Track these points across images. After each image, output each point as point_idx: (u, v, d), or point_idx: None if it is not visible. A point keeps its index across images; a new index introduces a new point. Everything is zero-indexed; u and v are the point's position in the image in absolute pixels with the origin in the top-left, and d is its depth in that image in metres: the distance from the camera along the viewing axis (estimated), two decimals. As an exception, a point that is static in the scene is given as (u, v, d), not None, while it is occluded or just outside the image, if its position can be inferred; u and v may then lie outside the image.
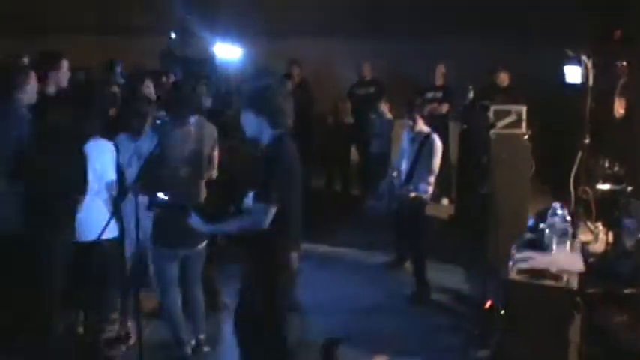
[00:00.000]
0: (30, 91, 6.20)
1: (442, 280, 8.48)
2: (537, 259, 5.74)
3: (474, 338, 6.74)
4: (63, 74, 6.95)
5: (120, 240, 6.27)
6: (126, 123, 6.40)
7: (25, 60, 8.50)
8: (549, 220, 6.14)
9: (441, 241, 9.35)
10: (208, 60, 11.59)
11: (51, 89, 6.80)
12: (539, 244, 6.05)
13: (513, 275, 5.56)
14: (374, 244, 9.69)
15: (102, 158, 6.09)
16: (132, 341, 6.51)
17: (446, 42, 12.86)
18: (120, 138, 6.33)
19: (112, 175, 6.10)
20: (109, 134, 6.29)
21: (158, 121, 6.07)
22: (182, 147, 6.04)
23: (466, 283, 8.55)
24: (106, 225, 5.60)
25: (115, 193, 6.07)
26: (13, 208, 5.83)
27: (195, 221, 5.01)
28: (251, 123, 4.90)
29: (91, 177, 6.01)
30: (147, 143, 6.13)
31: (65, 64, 6.96)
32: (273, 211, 4.72)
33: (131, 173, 6.06)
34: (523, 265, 5.65)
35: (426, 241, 8.30)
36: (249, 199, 4.82)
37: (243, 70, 11.18)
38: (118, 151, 6.23)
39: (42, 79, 6.57)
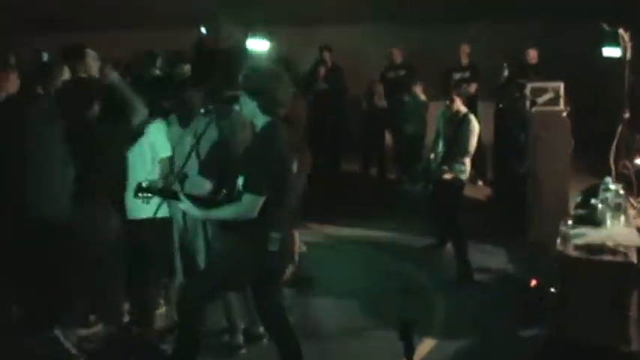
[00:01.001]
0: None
1: (484, 261, 8.42)
2: (593, 235, 5.68)
3: (521, 317, 6.70)
4: (91, 62, 6.98)
5: (170, 220, 6.26)
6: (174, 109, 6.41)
7: (45, 55, 8.55)
8: (602, 194, 6.08)
9: (480, 222, 9.30)
10: (240, 51, 11.59)
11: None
12: (592, 220, 5.99)
13: (570, 252, 5.50)
14: (413, 228, 9.67)
15: (155, 137, 6.12)
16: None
17: (477, 23, 12.80)
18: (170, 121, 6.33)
19: (165, 152, 6.10)
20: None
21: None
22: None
23: (509, 263, 8.50)
24: (160, 203, 5.61)
25: (167, 171, 6.05)
26: (64, 194, 5.91)
27: (187, 206, 5.05)
28: (246, 105, 4.99)
29: (143, 155, 6.05)
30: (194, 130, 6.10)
31: (91, 52, 7.00)
32: (261, 201, 4.78)
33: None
34: (579, 242, 5.58)
35: (464, 222, 8.26)
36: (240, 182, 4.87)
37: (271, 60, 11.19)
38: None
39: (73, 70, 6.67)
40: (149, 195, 5.18)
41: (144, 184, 5.14)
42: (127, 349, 6.13)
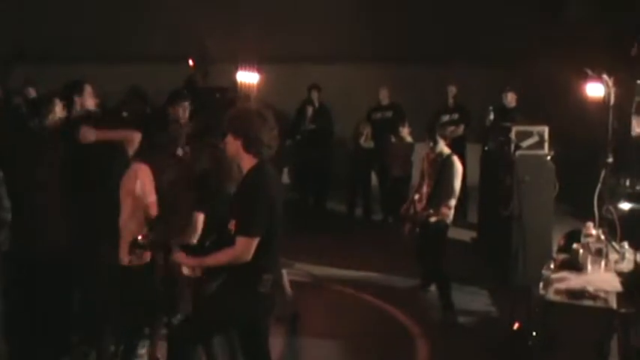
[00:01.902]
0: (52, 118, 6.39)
1: (468, 303, 8.42)
2: (574, 280, 5.71)
3: (505, 361, 6.69)
4: (87, 97, 7.00)
5: (151, 264, 6.24)
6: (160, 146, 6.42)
7: (31, 91, 8.55)
8: (583, 239, 6.12)
9: (465, 263, 9.30)
10: (229, 88, 11.66)
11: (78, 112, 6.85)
12: (573, 264, 6.01)
13: (551, 296, 5.51)
14: (398, 269, 9.65)
15: (141, 180, 6.12)
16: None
17: (461, 65, 12.92)
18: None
19: (151, 197, 6.10)
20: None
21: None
22: None
23: (492, 305, 8.50)
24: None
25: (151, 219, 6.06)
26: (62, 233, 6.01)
27: (179, 256, 5.04)
28: (230, 145, 4.97)
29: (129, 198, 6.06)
30: None
31: (88, 87, 7.03)
32: (255, 243, 4.76)
33: None
34: (560, 286, 5.60)
35: (448, 264, 8.26)
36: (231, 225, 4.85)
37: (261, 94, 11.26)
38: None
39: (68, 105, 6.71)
40: (143, 249, 5.23)
41: (139, 241, 5.17)
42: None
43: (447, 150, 8.25)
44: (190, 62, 12.88)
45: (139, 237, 5.24)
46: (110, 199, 5.99)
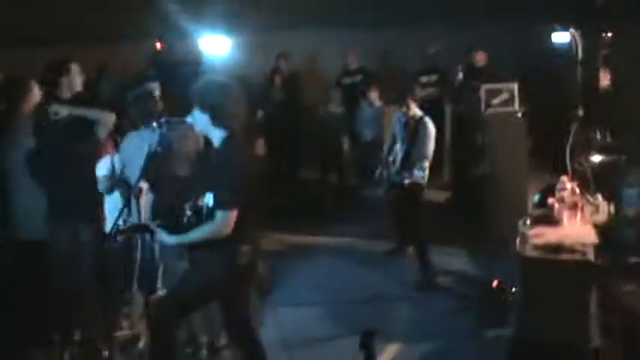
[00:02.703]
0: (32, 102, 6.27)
1: (446, 264, 8.46)
2: (550, 234, 5.72)
3: (485, 318, 6.72)
4: (76, 78, 6.80)
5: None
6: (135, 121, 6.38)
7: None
8: (558, 193, 6.14)
9: (441, 224, 9.33)
10: (193, 62, 11.53)
11: (66, 94, 6.68)
12: (549, 219, 6.03)
13: (529, 252, 5.53)
14: (374, 233, 9.66)
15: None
16: (142, 343, 6.46)
17: (436, 25, 12.85)
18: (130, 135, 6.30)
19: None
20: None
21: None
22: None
23: (470, 264, 8.54)
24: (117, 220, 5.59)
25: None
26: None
27: (159, 236, 5.03)
28: (198, 119, 4.93)
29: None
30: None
31: (75, 67, 6.83)
32: (234, 215, 4.73)
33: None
34: (538, 241, 5.61)
35: (425, 225, 8.28)
36: (208, 199, 4.82)
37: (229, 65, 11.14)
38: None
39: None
40: (125, 233, 5.22)
41: (120, 227, 5.16)
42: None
43: (419, 112, 8.22)
44: (158, 45, 12.70)
45: (120, 221, 5.23)
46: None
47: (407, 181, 8.01)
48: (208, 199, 4.83)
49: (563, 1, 9.89)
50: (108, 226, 6.09)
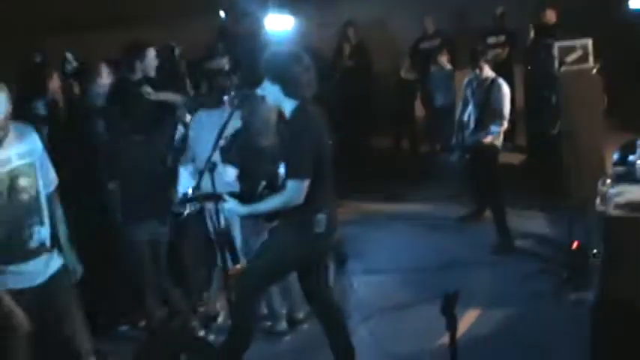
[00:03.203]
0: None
1: (523, 226, 8.35)
2: (634, 192, 5.54)
3: (566, 281, 6.61)
4: (150, 63, 6.85)
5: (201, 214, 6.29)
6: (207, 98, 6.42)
7: (38, 59, 8.40)
8: (639, 151, 5.95)
9: (517, 187, 9.20)
10: (260, 35, 11.52)
11: (138, 76, 6.75)
12: (631, 177, 5.85)
13: (611, 211, 5.37)
14: (450, 198, 9.58)
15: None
16: (221, 318, 6.53)
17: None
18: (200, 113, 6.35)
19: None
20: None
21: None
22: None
23: (548, 226, 8.41)
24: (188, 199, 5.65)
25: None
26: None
27: (231, 205, 5.02)
28: (269, 91, 4.91)
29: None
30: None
31: (151, 52, 6.88)
32: (306, 185, 4.71)
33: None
34: (620, 200, 5.45)
35: (502, 188, 8.16)
36: (282, 169, 4.83)
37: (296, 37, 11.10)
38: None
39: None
40: (196, 201, 5.24)
41: (189, 194, 5.18)
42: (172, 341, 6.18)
43: (491, 74, 8.10)
44: (222, 13, 12.71)
45: (189, 189, 5.25)
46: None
47: (484, 142, 7.90)
48: (282, 169, 4.83)
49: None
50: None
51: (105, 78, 7.07)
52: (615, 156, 6.45)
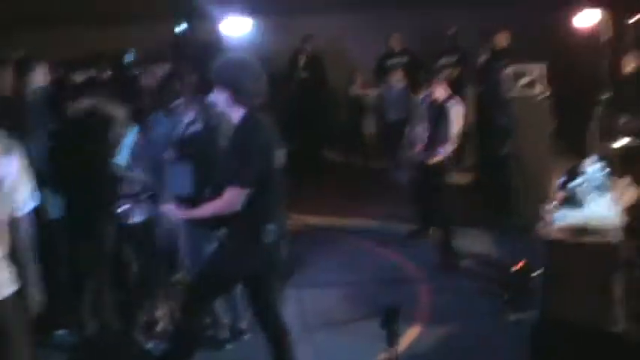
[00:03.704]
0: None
1: (468, 246, 8.41)
2: (576, 216, 5.65)
3: (507, 302, 6.68)
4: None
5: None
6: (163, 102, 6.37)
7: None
8: (584, 175, 6.07)
9: (464, 206, 9.28)
10: (217, 41, 11.49)
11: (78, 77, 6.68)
12: (574, 201, 5.97)
13: (553, 234, 5.46)
14: (396, 215, 9.63)
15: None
16: (162, 325, 6.46)
17: (454, 7, 12.74)
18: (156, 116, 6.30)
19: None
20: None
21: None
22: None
23: (493, 247, 8.49)
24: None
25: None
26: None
27: (169, 208, 5.00)
28: (219, 98, 4.88)
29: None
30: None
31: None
32: (244, 193, 4.69)
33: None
34: (562, 223, 5.55)
35: (449, 207, 8.23)
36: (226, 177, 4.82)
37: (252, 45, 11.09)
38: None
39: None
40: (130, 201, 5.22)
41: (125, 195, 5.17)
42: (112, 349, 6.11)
43: (445, 93, 8.18)
44: (181, 24, 12.66)
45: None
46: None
47: (433, 161, 7.97)
48: (226, 176, 4.81)
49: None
50: None
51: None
52: (560, 180, 6.57)
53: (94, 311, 6.16)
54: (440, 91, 8.17)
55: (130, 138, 6.17)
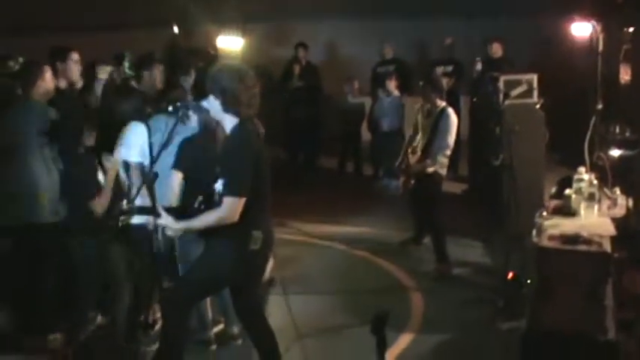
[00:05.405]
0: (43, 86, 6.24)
1: (462, 255, 8.45)
2: (567, 225, 5.68)
3: (500, 310, 6.69)
4: (72, 66, 6.83)
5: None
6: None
7: (11, 64, 8.31)
8: (575, 185, 6.10)
9: (458, 215, 9.30)
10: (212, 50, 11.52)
11: (61, 83, 6.71)
12: (566, 210, 6.00)
13: (544, 242, 5.49)
14: (390, 223, 9.65)
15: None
16: (158, 327, 6.45)
17: (448, 18, 12.82)
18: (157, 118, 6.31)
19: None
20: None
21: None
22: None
23: (486, 256, 8.52)
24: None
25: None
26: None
27: (166, 221, 4.99)
28: (212, 105, 4.93)
29: None
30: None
31: (74, 56, 6.85)
32: (242, 202, 4.73)
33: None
34: (554, 232, 5.57)
35: (442, 216, 8.25)
36: (219, 185, 4.84)
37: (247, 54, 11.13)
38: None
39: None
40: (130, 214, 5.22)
41: (124, 208, 5.17)
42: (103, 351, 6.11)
43: (441, 103, 8.21)
44: (175, 28, 12.70)
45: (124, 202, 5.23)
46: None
47: (430, 170, 8.00)
48: (219, 185, 4.84)
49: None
50: None
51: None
52: (553, 189, 6.61)
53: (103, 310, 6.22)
54: (437, 101, 8.20)
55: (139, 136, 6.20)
